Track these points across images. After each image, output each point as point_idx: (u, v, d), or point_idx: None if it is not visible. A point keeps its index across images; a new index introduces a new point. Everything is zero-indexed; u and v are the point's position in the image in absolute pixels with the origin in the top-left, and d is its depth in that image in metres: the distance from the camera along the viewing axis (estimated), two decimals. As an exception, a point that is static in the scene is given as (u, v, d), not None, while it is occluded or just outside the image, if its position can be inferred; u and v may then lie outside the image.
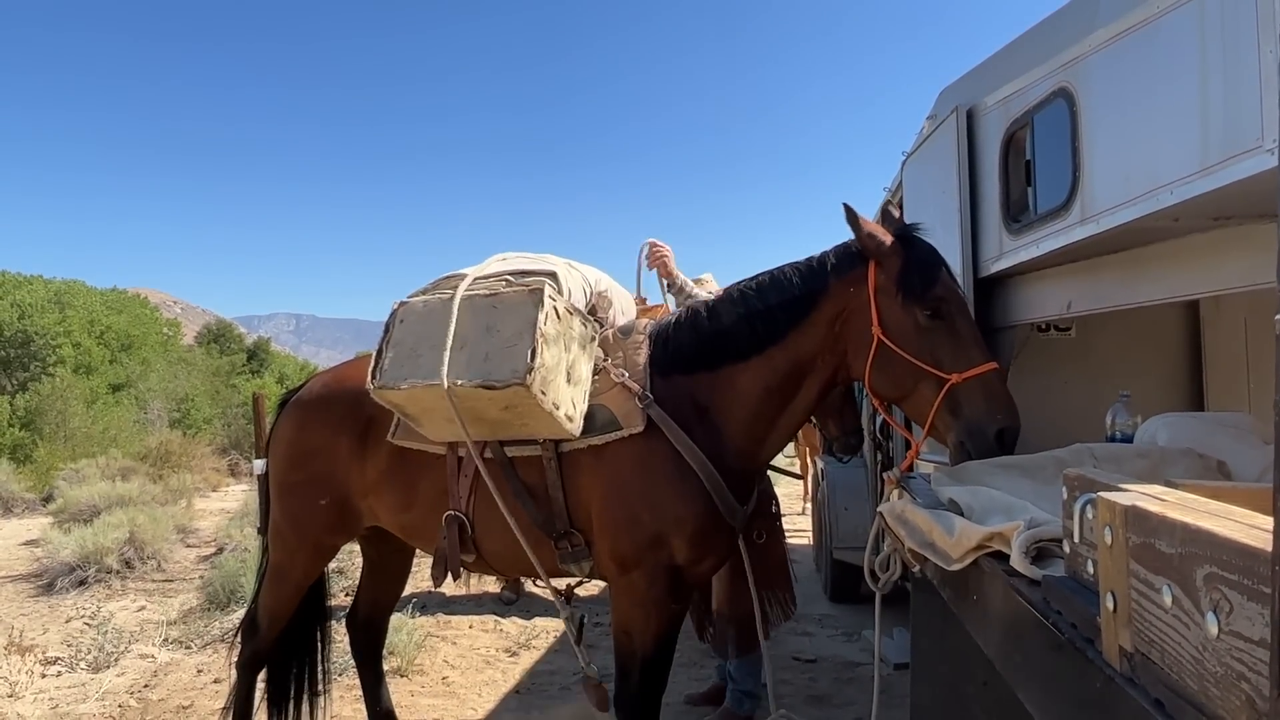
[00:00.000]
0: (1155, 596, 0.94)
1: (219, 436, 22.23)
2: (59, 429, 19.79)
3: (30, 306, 25.57)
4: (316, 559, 3.70)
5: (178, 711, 4.87)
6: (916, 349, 2.64)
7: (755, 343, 2.89)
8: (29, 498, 14.14)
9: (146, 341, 30.13)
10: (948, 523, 1.89)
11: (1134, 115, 2.33)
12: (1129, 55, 2.34)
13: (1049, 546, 1.48)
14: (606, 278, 3.37)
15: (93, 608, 7.34)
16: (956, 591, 1.87)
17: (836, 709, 4.75)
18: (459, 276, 3.06)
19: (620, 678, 3.05)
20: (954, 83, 3.63)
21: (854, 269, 2.79)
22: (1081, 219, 2.57)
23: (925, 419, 2.63)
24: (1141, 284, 2.70)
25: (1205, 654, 0.84)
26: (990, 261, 3.27)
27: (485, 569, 3.42)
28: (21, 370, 23.89)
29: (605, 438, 2.90)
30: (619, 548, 2.93)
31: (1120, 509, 1.04)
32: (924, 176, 3.87)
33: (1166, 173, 2.15)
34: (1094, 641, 1.12)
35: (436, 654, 5.69)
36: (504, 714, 4.79)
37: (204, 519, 11.91)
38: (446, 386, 2.70)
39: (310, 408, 3.57)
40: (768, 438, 3.01)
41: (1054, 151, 2.76)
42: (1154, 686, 0.96)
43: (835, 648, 5.94)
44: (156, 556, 8.92)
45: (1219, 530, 0.83)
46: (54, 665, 5.79)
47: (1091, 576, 1.17)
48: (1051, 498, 1.62)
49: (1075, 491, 1.26)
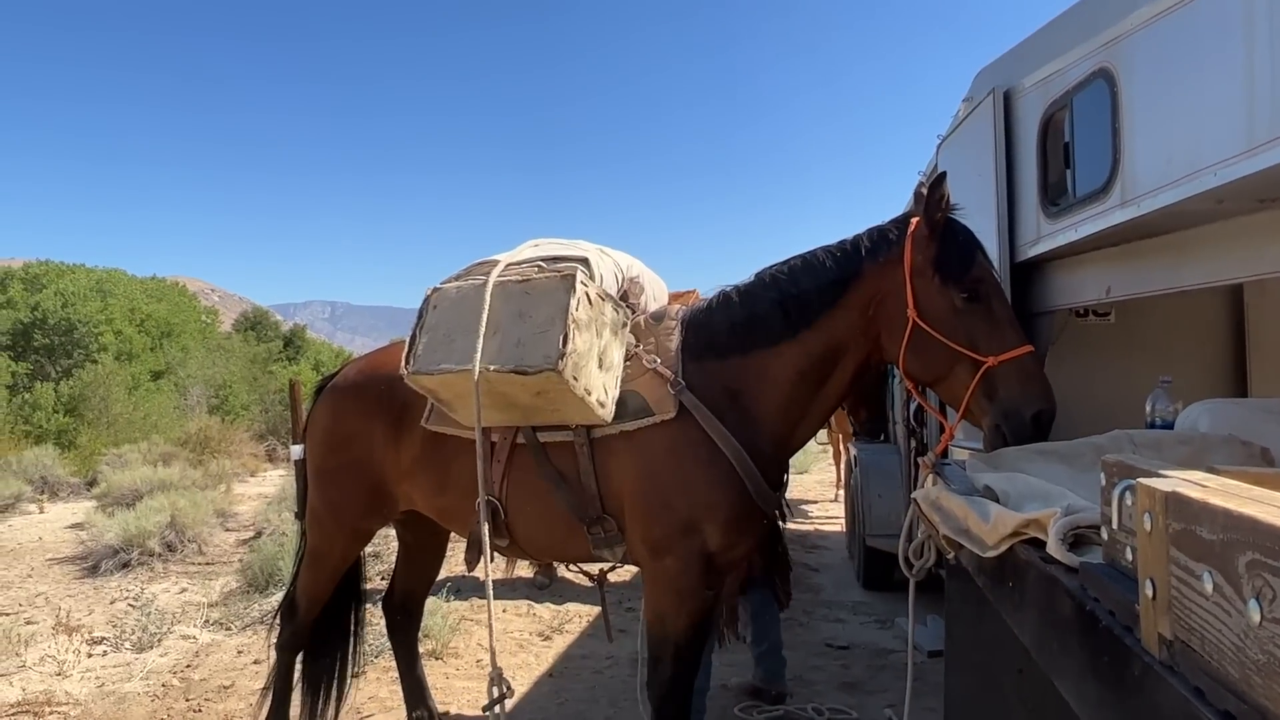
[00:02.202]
0: (1196, 584, 0.93)
1: (256, 423, 22.58)
2: (101, 415, 20.21)
3: (73, 295, 26.09)
4: (353, 543, 3.75)
5: (219, 691, 4.98)
6: (952, 332, 2.61)
7: (788, 327, 2.87)
8: (74, 482, 14.47)
9: (185, 329, 30.66)
10: (983, 509, 1.87)
11: (1177, 95, 2.29)
12: (1172, 34, 2.29)
13: (1086, 534, 1.46)
14: (638, 263, 3.36)
15: (136, 589, 7.50)
16: (992, 579, 1.86)
17: (869, 696, 4.74)
18: (492, 263, 3.08)
19: (652, 663, 3.06)
20: (991, 64, 3.58)
21: (889, 251, 2.76)
22: (1122, 202, 2.53)
23: (960, 402, 2.61)
24: (1184, 268, 2.65)
25: (1247, 641, 0.82)
26: (1027, 246, 3.23)
27: (519, 553, 3.45)
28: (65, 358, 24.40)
29: (637, 423, 2.90)
30: (651, 533, 2.93)
31: (1160, 495, 1.02)
32: (960, 160, 3.83)
33: (1210, 154, 2.11)
34: (1132, 629, 1.11)
35: (471, 637, 5.76)
36: (537, 696, 4.84)
37: (242, 504, 12.12)
38: (479, 372, 2.72)
39: (346, 394, 3.61)
40: (800, 423, 3.00)
41: (1094, 133, 2.71)
42: (1194, 675, 0.94)
43: (868, 635, 5.92)
44: (197, 540, 9.10)
45: (1262, 517, 0.82)
46: (100, 645, 5.94)
47: (1130, 563, 1.16)
48: (1089, 485, 1.60)
49: (1114, 478, 1.24)
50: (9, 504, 12.04)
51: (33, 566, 8.73)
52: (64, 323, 25.10)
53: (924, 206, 2.69)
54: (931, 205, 2.66)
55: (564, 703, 4.72)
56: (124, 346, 25.77)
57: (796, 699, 4.66)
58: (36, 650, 5.78)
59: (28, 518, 11.81)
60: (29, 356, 24.47)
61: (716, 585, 3.20)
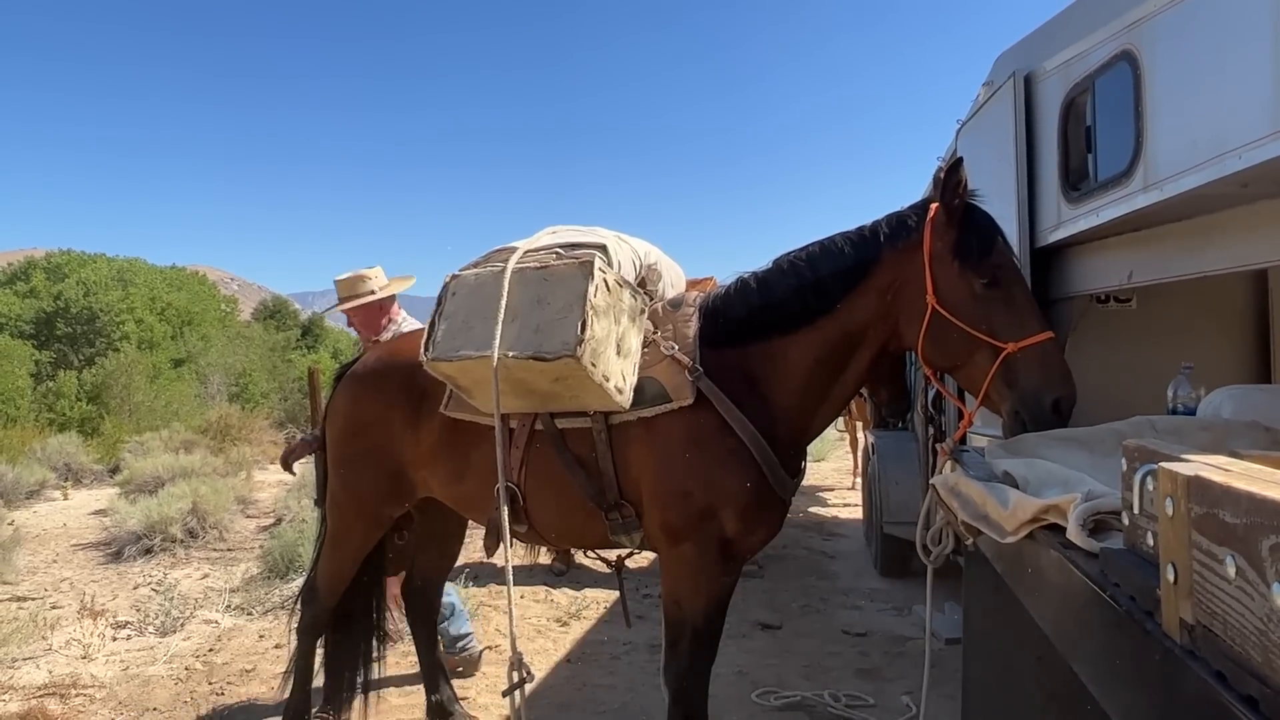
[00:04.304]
0: (1218, 568, 0.92)
1: (276, 410, 22.73)
2: (124, 403, 20.44)
3: (95, 284, 26.35)
4: (372, 528, 3.78)
5: (241, 674, 5.04)
6: (972, 318, 2.59)
7: (806, 314, 2.86)
8: (97, 469, 14.64)
9: (205, 318, 30.90)
10: (1002, 495, 1.86)
11: (1201, 77, 2.26)
12: (1197, 14, 2.26)
13: (1107, 519, 1.45)
14: (656, 250, 3.36)
15: (159, 575, 7.60)
16: (1011, 565, 1.85)
17: (887, 683, 4.74)
18: (510, 250, 3.08)
19: (669, 648, 3.07)
20: (1011, 47, 3.54)
21: (908, 237, 2.74)
22: (1144, 186, 2.51)
23: (980, 388, 2.60)
24: (1207, 253, 2.62)
25: (1270, 625, 0.82)
26: (1048, 231, 3.20)
27: (537, 540, 3.46)
28: (88, 346, 24.67)
29: (655, 410, 2.91)
30: (669, 520, 2.94)
31: (1182, 479, 1.02)
32: (980, 144, 3.79)
33: (1235, 137, 2.08)
34: (1153, 614, 1.11)
35: (489, 623, 5.80)
36: (555, 682, 4.87)
37: (263, 490, 12.22)
38: (498, 358, 2.73)
39: (365, 381, 3.63)
40: (818, 410, 2.99)
41: (1116, 117, 2.68)
42: (1216, 659, 0.94)
43: (886, 622, 5.92)
44: (218, 526, 9.19)
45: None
46: (124, 629, 6.01)
47: (1151, 548, 1.15)
48: (1110, 470, 1.59)
49: (1135, 463, 1.24)
50: (34, 490, 12.19)
51: (58, 552, 8.85)
52: (86, 312, 25.37)
53: (942, 192, 2.67)
54: (949, 191, 2.64)
55: (582, 688, 4.75)
56: (145, 335, 26.02)
57: (814, 685, 4.67)
58: (62, 634, 5.86)
59: (52, 504, 11.96)
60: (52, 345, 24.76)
61: (733, 571, 3.21)
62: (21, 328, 25.02)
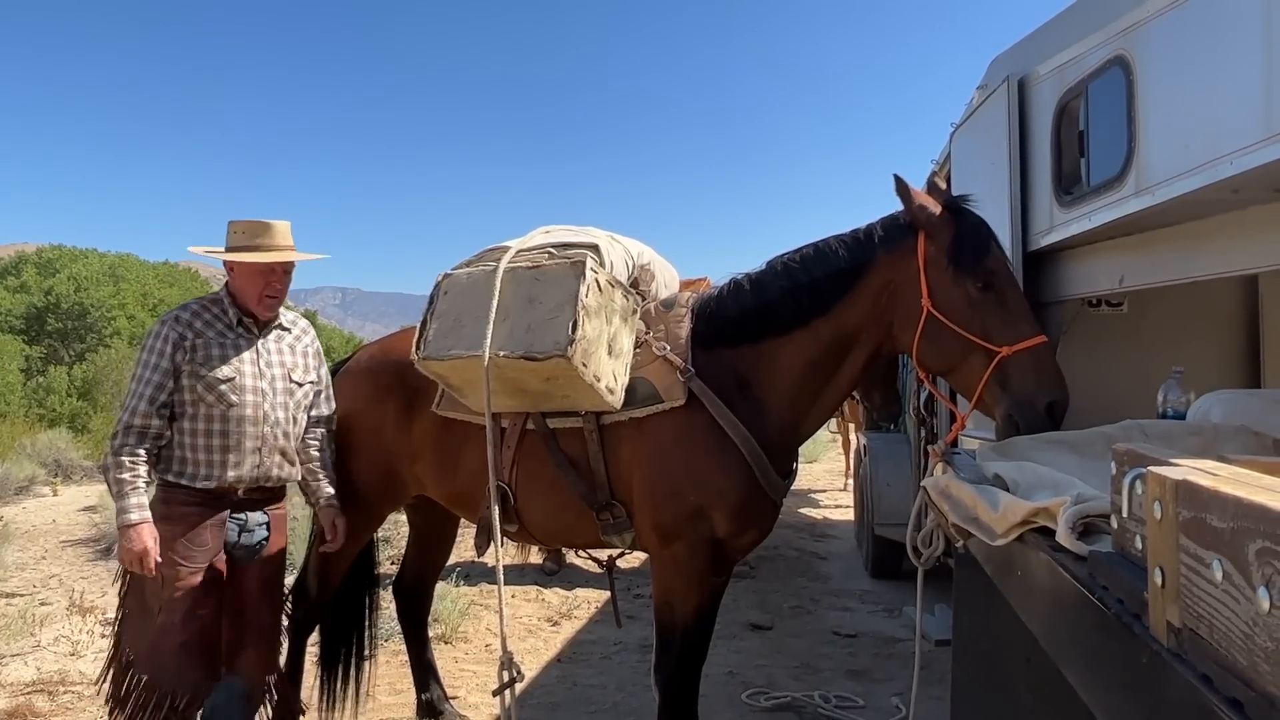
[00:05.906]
0: (1205, 572, 0.92)
1: (268, 407, 22.63)
2: (114, 399, 20.34)
3: (86, 280, 26.25)
4: (364, 527, 3.77)
5: (230, 673, 5.01)
6: (966, 321, 2.61)
7: (799, 316, 2.87)
8: (87, 465, 14.57)
9: (198, 314, 30.78)
10: (992, 498, 1.87)
11: (1194, 83, 2.27)
12: (1190, 20, 2.27)
13: (1096, 522, 1.46)
14: (649, 251, 3.36)
15: (149, 572, 7.56)
16: (1000, 567, 1.86)
17: (876, 684, 4.75)
18: (502, 249, 3.08)
19: (660, 648, 3.08)
20: (1005, 52, 3.55)
21: (903, 241, 2.75)
22: (1137, 190, 2.52)
23: (973, 392, 2.61)
24: (1198, 258, 2.63)
25: (1256, 629, 0.82)
26: (1040, 235, 3.21)
27: (528, 538, 3.46)
28: (78, 342, 24.57)
29: (646, 410, 2.91)
30: (660, 520, 2.94)
31: (1171, 483, 1.02)
32: (973, 148, 3.81)
33: (1227, 142, 2.09)
34: (1141, 617, 1.11)
35: (480, 622, 5.79)
36: (546, 681, 4.87)
37: (254, 488, 12.17)
38: (489, 357, 2.73)
39: (358, 379, 3.62)
40: (810, 411, 3.00)
41: (1109, 121, 2.69)
42: (1202, 662, 0.94)
43: (876, 623, 5.93)
44: (209, 523, 9.15)
45: (1273, 505, 0.81)
46: (113, 626, 5.99)
47: (1139, 552, 1.16)
48: (1099, 474, 1.59)
49: (1124, 466, 1.24)
50: (23, 487, 12.14)
51: (46, 549, 8.82)
52: (77, 307, 25.27)
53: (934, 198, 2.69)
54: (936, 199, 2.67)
55: (573, 687, 4.74)
56: (136, 331, 25.92)
57: (804, 686, 4.67)
58: (51, 630, 5.84)
59: (41, 500, 11.92)
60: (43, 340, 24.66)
61: (724, 571, 3.22)
62: (12, 323, 24.92)
